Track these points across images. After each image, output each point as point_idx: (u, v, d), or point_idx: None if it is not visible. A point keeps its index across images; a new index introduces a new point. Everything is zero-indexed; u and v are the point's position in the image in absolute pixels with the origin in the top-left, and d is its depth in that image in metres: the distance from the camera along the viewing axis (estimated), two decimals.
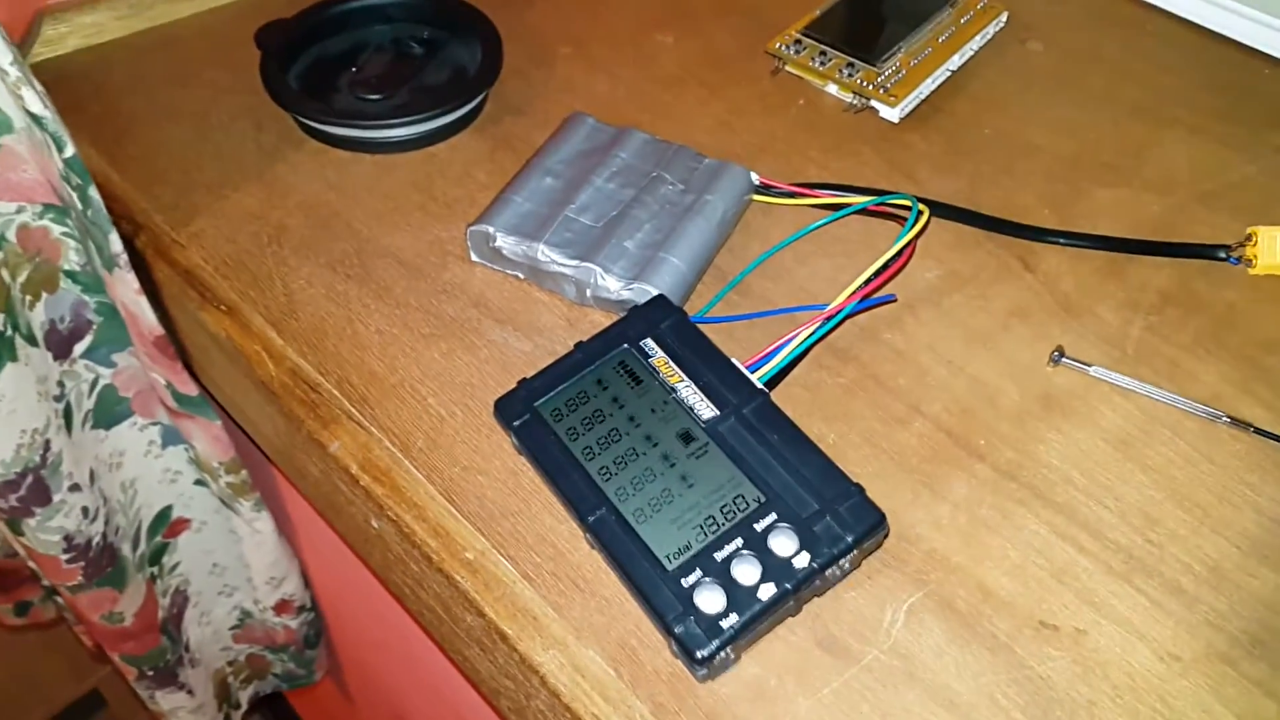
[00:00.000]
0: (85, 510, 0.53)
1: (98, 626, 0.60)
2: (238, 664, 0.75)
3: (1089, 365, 0.43)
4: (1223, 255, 0.47)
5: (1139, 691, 0.34)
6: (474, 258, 0.46)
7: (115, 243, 0.44)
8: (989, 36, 0.55)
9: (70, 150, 0.42)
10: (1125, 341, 0.44)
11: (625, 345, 0.40)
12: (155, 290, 0.48)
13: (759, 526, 0.35)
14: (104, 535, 0.57)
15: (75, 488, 0.52)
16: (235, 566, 0.67)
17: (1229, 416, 0.41)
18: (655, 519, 0.35)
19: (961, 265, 0.46)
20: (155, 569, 0.63)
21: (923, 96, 0.52)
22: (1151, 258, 0.47)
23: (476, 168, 0.50)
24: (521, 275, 0.45)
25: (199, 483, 0.62)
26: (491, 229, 0.44)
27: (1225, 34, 0.57)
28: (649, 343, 0.39)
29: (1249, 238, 0.46)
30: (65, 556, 0.54)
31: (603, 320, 0.44)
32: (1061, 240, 0.47)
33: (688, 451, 0.37)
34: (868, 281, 0.40)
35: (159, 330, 0.49)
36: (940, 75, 0.52)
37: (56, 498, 0.51)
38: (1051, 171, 0.50)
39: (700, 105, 0.53)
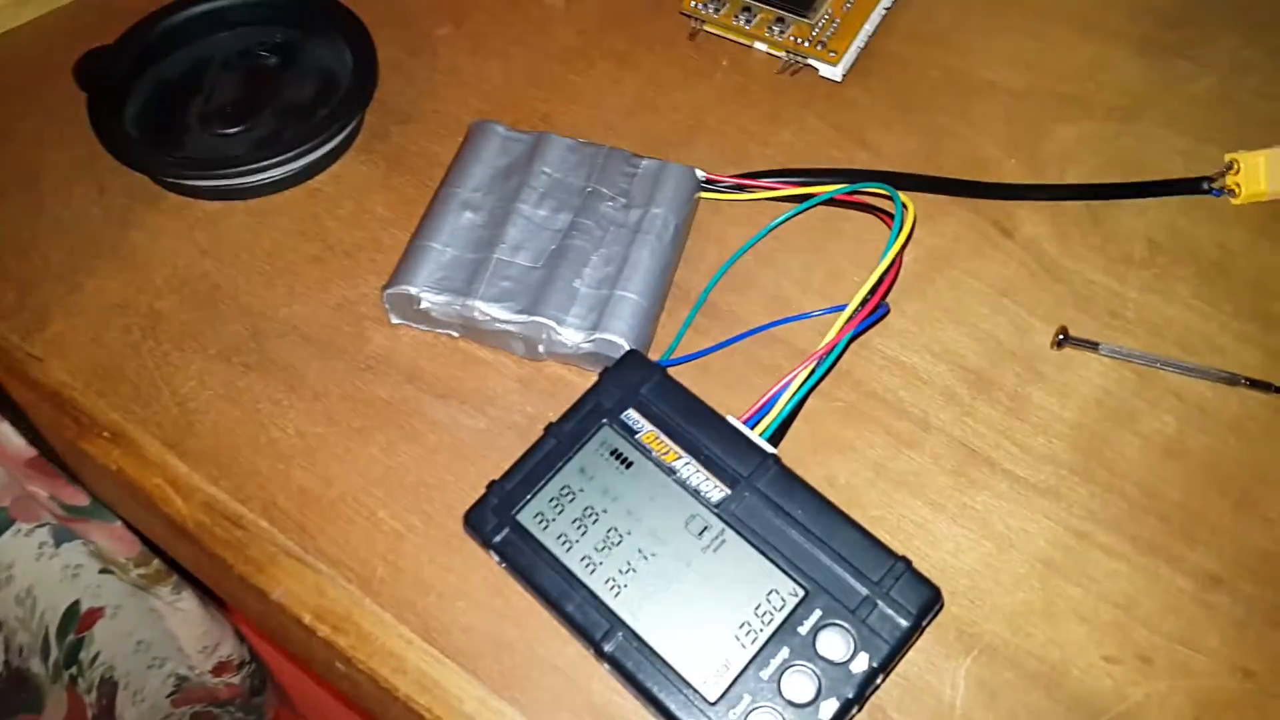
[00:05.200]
0: None
1: None
2: None
3: (1096, 344, 0.39)
4: (1206, 188, 0.43)
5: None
6: (394, 320, 0.39)
7: None
8: None
9: None
10: (1124, 306, 0.40)
11: (605, 422, 0.34)
12: (20, 412, 0.40)
13: (804, 628, 0.30)
14: (6, 663, 0.50)
15: None
16: (161, 639, 0.61)
17: (1246, 379, 0.38)
18: (681, 635, 0.30)
19: (938, 240, 0.42)
20: (74, 669, 0.56)
21: (862, 46, 0.46)
22: (1131, 200, 0.43)
23: (372, 199, 0.43)
24: (456, 334, 0.39)
25: (105, 571, 0.55)
26: (414, 289, 0.37)
27: None
28: (632, 414, 0.34)
29: (1230, 166, 0.43)
30: None
31: (561, 373, 0.38)
32: (1036, 196, 0.43)
33: (703, 544, 0.32)
34: (862, 304, 0.35)
35: (30, 453, 0.41)
36: (876, 16, 0.46)
37: None
38: (1009, 112, 0.46)
39: (613, 82, 0.46)
